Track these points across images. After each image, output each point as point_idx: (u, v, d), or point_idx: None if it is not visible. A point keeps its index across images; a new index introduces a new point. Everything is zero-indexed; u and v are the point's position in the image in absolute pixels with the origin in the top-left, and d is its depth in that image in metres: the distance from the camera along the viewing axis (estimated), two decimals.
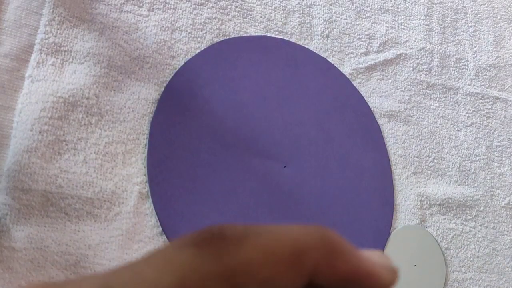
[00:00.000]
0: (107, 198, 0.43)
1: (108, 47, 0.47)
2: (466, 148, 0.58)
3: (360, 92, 0.56)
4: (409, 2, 0.63)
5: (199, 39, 0.51)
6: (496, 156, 0.59)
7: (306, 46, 0.55)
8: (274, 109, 0.51)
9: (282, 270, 0.15)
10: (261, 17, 0.55)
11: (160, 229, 0.43)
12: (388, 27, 0.60)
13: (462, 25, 0.64)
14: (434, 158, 0.56)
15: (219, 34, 0.52)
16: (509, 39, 0.66)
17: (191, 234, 0.15)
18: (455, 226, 0.54)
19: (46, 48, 0.45)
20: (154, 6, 0.50)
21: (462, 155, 0.58)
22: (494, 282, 0.53)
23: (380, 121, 0.55)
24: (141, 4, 0.50)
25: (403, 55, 0.59)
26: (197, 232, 0.15)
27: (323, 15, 0.57)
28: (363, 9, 0.60)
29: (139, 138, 0.46)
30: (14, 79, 0.43)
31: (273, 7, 0.55)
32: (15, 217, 0.39)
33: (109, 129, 0.45)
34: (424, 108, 0.58)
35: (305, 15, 0.57)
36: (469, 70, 0.62)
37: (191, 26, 0.51)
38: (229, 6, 0.53)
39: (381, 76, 0.57)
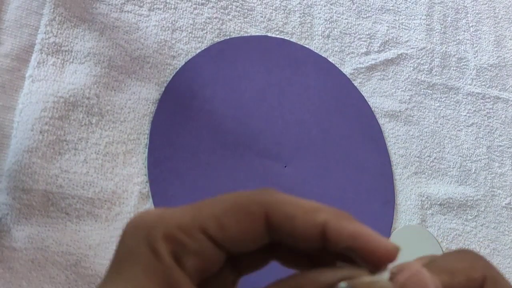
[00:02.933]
0: (107, 198, 0.43)
1: (108, 47, 0.47)
2: (467, 148, 0.58)
3: (361, 92, 0.55)
4: (409, 2, 0.63)
5: (199, 39, 0.51)
6: (497, 156, 0.59)
7: (307, 46, 0.55)
8: (274, 109, 0.51)
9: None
10: (262, 17, 0.55)
11: None
12: (388, 27, 0.60)
13: (463, 24, 0.64)
14: (435, 158, 0.56)
15: (220, 34, 0.52)
16: (510, 39, 0.66)
17: None
18: (456, 226, 0.54)
19: (47, 48, 0.45)
20: (155, 6, 0.50)
21: (463, 155, 0.57)
22: None
23: (381, 121, 0.55)
24: (142, 4, 0.50)
25: (404, 55, 0.59)
26: None
27: (324, 15, 0.57)
28: (363, 9, 0.60)
29: (139, 138, 0.46)
30: (14, 79, 0.43)
31: (273, 7, 0.55)
32: (15, 217, 0.39)
33: (109, 129, 0.45)
34: (425, 108, 0.58)
35: (306, 15, 0.57)
36: (470, 70, 0.62)
37: (191, 26, 0.51)
38: (229, 6, 0.53)
39: (382, 76, 0.57)
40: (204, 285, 0.19)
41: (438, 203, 0.54)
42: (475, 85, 0.61)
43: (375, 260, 0.18)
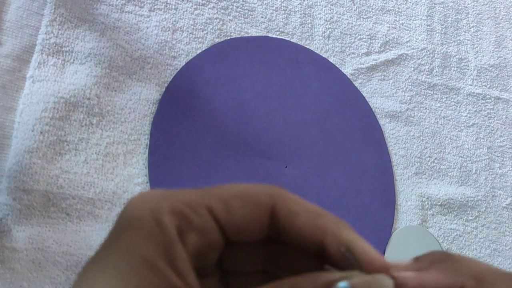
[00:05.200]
0: (108, 199, 0.43)
1: (109, 48, 0.47)
2: (468, 148, 0.58)
3: (361, 92, 0.55)
4: (410, 2, 0.63)
5: (200, 39, 0.51)
6: (498, 156, 0.59)
7: (307, 47, 0.55)
8: (275, 109, 0.51)
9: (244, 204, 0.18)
10: (262, 17, 0.55)
11: None
12: (389, 27, 0.60)
13: (463, 25, 0.64)
14: (435, 159, 0.56)
15: (220, 35, 0.52)
16: (511, 40, 0.66)
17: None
18: (456, 226, 0.54)
19: (48, 48, 0.45)
20: (155, 7, 0.50)
21: (463, 155, 0.57)
22: None
23: (382, 122, 0.55)
24: (142, 5, 0.50)
25: (405, 55, 0.59)
26: None
27: (324, 15, 0.57)
28: (364, 9, 0.60)
29: (140, 138, 0.46)
30: (15, 80, 0.43)
31: (274, 8, 0.55)
32: (16, 218, 0.39)
33: (110, 130, 0.45)
34: (426, 108, 0.58)
35: (306, 16, 0.57)
36: (471, 70, 0.62)
37: (192, 27, 0.51)
38: (230, 7, 0.53)
39: (383, 76, 0.57)
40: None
41: (439, 203, 0.54)
42: (475, 85, 0.61)
43: (372, 265, 0.18)
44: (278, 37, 0.54)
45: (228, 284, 0.21)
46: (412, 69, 0.59)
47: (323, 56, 0.55)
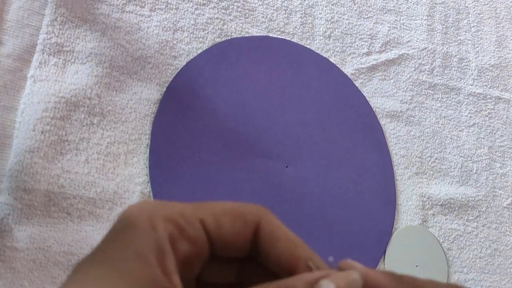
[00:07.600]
0: (109, 198, 0.43)
1: (110, 48, 0.47)
2: (468, 148, 0.58)
3: (362, 92, 0.56)
4: (411, 2, 0.63)
5: (201, 39, 0.51)
6: (498, 156, 0.59)
7: (308, 46, 0.55)
8: (276, 109, 0.51)
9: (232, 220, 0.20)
10: (263, 17, 0.55)
11: None
12: (390, 27, 0.60)
13: (464, 25, 0.64)
14: (436, 159, 0.56)
15: (221, 34, 0.52)
16: None
17: None
18: (457, 226, 0.54)
19: (48, 48, 0.45)
20: (156, 7, 0.50)
21: (464, 155, 0.57)
22: (496, 282, 0.53)
23: (382, 121, 0.55)
24: (143, 5, 0.50)
25: (405, 55, 0.59)
26: None
27: (325, 15, 0.57)
28: (365, 9, 0.60)
29: (141, 138, 0.46)
30: (16, 79, 0.43)
31: (275, 7, 0.55)
32: (17, 217, 0.39)
33: (111, 129, 0.45)
34: (426, 108, 0.58)
35: (307, 15, 0.57)
36: (471, 70, 0.62)
37: (193, 26, 0.51)
38: (231, 6, 0.53)
39: (383, 76, 0.57)
40: None
41: (439, 203, 0.54)
42: (476, 85, 0.61)
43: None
44: (278, 37, 0.54)
45: None
46: (413, 69, 0.59)
47: (324, 56, 0.55)
